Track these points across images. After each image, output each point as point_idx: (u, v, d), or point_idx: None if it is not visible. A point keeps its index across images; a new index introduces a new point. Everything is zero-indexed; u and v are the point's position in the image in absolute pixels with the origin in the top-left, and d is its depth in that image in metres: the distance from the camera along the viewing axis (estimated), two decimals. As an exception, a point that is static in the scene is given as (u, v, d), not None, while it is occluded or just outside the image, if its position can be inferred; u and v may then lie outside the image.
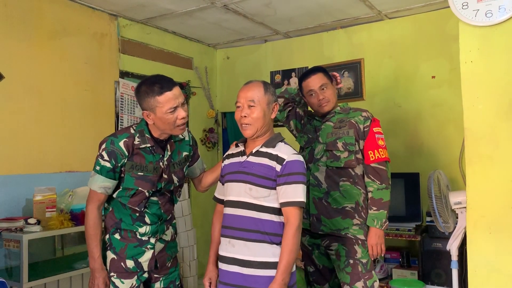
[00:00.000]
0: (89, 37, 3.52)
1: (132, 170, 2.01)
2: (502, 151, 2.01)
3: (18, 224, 2.70)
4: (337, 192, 2.42)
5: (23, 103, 3.05)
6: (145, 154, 2.04)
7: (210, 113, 4.74)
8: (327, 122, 2.54)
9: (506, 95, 2.01)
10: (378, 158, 2.41)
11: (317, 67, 2.62)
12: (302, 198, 1.87)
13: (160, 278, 2.15)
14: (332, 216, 2.42)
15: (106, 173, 2.00)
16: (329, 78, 2.54)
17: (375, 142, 2.43)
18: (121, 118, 3.72)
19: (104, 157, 1.99)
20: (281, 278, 1.81)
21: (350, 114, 2.51)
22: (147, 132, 2.06)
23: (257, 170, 1.92)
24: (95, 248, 2.02)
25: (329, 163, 2.44)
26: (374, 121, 2.48)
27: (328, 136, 2.48)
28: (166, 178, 2.09)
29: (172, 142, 2.13)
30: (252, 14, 3.79)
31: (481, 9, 2.05)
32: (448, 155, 3.64)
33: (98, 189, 2.01)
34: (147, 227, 2.07)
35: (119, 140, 2.01)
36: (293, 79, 4.45)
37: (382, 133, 2.48)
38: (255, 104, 1.94)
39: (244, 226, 1.91)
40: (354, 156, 2.42)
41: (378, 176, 2.40)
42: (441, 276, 3.34)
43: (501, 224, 2.00)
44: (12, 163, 2.96)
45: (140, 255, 2.07)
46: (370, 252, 2.39)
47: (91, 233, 2.02)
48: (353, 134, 2.43)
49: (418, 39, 3.81)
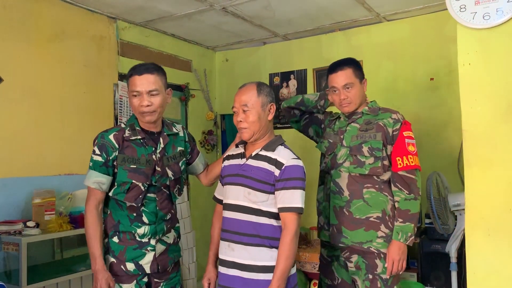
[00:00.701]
0: (88, 40, 3.52)
1: (124, 163, 2.03)
2: (500, 153, 2.01)
3: (17, 227, 2.70)
4: (360, 201, 2.20)
5: (22, 105, 3.05)
6: (136, 147, 2.06)
7: (209, 115, 4.75)
8: (352, 123, 2.31)
9: (505, 97, 2.01)
10: (407, 165, 2.18)
11: (349, 60, 2.37)
12: (300, 204, 1.86)
13: (161, 283, 2.13)
14: (354, 227, 2.20)
15: (99, 168, 2.02)
16: (359, 75, 2.31)
17: (405, 148, 2.19)
18: (120, 120, 3.71)
19: (96, 151, 2.04)
20: (277, 284, 1.79)
21: (378, 115, 2.28)
22: (137, 125, 2.09)
23: (256, 174, 1.91)
24: (95, 248, 2.00)
25: (352, 169, 2.22)
26: (405, 124, 2.25)
27: (352, 139, 2.26)
28: (160, 171, 2.09)
29: (165, 135, 2.14)
30: (251, 17, 3.80)
31: (479, 12, 2.05)
32: (446, 157, 3.64)
33: (92, 184, 2.02)
34: (146, 227, 2.06)
35: (109, 134, 2.06)
36: (292, 81, 4.45)
37: (413, 137, 2.25)
38: (249, 108, 1.94)
39: (243, 230, 1.90)
40: (381, 163, 2.20)
41: (406, 185, 2.17)
42: (440, 278, 3.34)
43: (500, 226, 2.00)
44: (11, 166, 2.96)
45: (141, 257, 2.05)
46: (389, 267, 2.16)
47: (90, 232, 2.00)
48: (381, 138, 2.20)
49: (417, 41, 3.82)
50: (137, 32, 3.95)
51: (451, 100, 3.58)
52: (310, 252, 3.62)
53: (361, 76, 2.33)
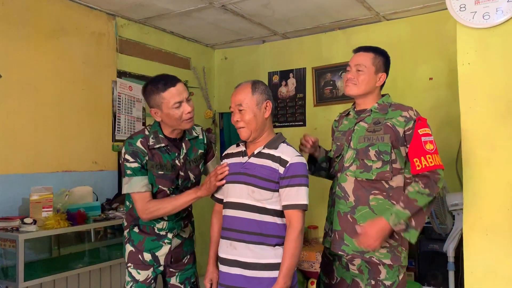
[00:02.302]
0: (87, 37, 3.51)
1: (153, 169, 2.08)
2: (499, 153, 2.02)
3: (14, 223, 2.69)
4: (366, 207, 2.04)
5: (20, 102, 3.04)
6: (161, 154, 2.11)
7: (208, 114, 4.74)
8: (361, 122, 2.14)
9: (504, 97, 2.01)
10: (426, 166, 1.96)
11: (377, 48, 2.19)
12: (305, 201, 1.87)
13: (176, 273, 2.23)
14: (357, 235, 2.03)
15: (140, 172, 2.06)
16: (377, 64, 2.12)
17: (421, 147, 1.98)
18: (118, 118, 3.71)
19: (130, 160, 2.05)
20: (283, 281, 1.81)
21: (388, 113, 2.09)
22: (161, 132, 2.13)
23: (260, 172, 1.91)
24: (187, 194, 2.09)
25: (359, 174, 2.06)
26: (420, 121, 2.03)
27: (360, 140, 2.10)
28: (183, 175, 2.16)
29: (186, 141, 2.20)
30: (250, 15, 3.79)
31: (479, 11, 2.05)
32: (445, 157, 3.60)
33: (141, 188, 2.06)
34: (164, 222, 2.17)
35: (135, 140, 2.09)
36: (291, 80, 4.45)
37: (430, 134, 2.02)
38: (244, 107, 1.94)
39: (246, 228, 1.90)
40: (390, 167, 2.02)
41: (425, 178, 1.96)
42: (437, 277, 3.35)
43: (497, 226, 2.00)
44: (8, 163, 2.95)
45: (158, 249, 2.16)
46: (359, 238, 2.00)
47: (177, 203, 2.07)
48: (389, 141, 2.02)
49: (416, 40, 3.82)
50: (136, 29, 3.94)
51: (450, 100, 3.58)
52: (308, 250, 3.62)
53: (379, 67, 2.14)
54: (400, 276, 2.06)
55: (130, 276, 2.14)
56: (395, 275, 2.04)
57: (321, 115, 4.20)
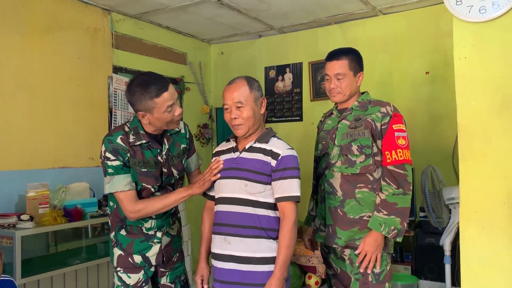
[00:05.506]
0: (82, 32, 3.49)
1: (135, 166, 2.01)
2: (495, 147, 2.02)
3: (11, 220, 2.69)
4: (353, 200, 2.16)
5: (15, 98, 3.02)
6: (143, 150, 2.04)
7: (204, 109, 4.73)
8: (343, 120, 2.25)
9: (500, 91, 2.01)
10: (395, 160, 2.10)
11: (348, 50, 2.30)
12: (297, 193, 1.88)
13: (166, 272, 2.17)
14: (348, 227, 2.16)
15: (122, 170, 1.98)
16: (354, 67, 2.23)
17: (393, 142, 2.12)
18: (114, 113, 3.69)
19: (111, 158, 1.97)
20: (280, 273, 1.82)
21: (368, 110, 2.21)
22: (141, 128, 2.05)
23: (252, 166, 1.91)
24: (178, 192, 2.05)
25: (344, 169, 2.18)
26: (396, 117, 2.17)
27: (343, 137, 2.21)
28: (166, 171, 2.09)
29: (168, 136, 2.13)
30: (247, 9, 3.77)
31: (475, 5, 2.04)
32: (441, 151, 3.65)
33: (124, 187, 1.97)
34: (153, 221, 2.09)
35: (115, 137, 2.00)
36: (287, 75, 4.44)
37: (404, 130, 2.16)
38: (243, 104, 1.92)
39: (240, 222, 1.90)
40: (372, 160, 2.14)
41: (394, 180, 2.10)
42: (434, 271, 3.37)
43: (494, 220, 2.01)
44: (4, 159, 2.94)
45: (147, 249, 2.08)
46: (360, 258, 2.10)
47: (166, 202, 2.02)
48: (369, 135, 2.14)
49: (412, 34, 3.82)
50: (132, 24, 3.92)
51: (446, 93, 3.59)
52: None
53: (356, 69, 2.26)
54: (388, 266, 2.18)
55: (120, 281, 2.05)
56: (383, 264, 2.14)
57: (317, 110, 4.20)
